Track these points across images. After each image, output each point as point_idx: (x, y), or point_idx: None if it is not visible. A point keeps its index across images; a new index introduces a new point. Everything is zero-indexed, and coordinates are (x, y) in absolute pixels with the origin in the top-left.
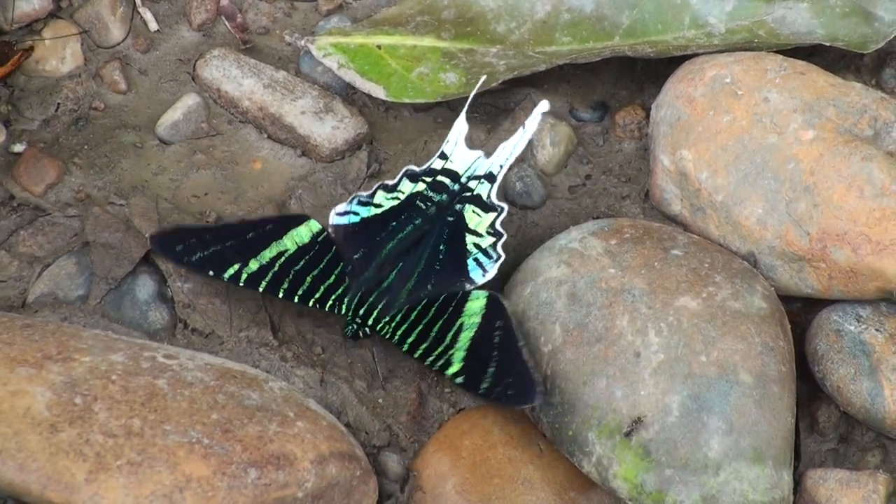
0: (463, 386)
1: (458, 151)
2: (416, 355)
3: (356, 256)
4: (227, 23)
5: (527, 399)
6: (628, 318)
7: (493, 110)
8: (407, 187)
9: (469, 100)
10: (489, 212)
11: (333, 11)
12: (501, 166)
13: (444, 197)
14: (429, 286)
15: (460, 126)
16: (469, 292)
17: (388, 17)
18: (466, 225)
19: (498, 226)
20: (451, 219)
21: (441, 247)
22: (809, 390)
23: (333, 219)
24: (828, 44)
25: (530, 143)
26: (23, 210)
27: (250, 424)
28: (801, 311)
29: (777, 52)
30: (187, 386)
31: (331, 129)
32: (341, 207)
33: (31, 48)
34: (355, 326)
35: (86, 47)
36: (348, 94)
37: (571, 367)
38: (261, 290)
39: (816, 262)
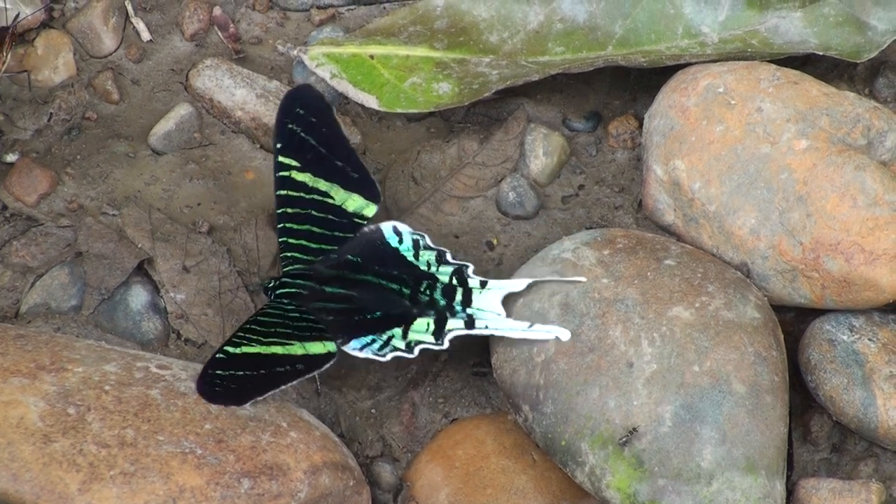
0: None
1: (491, 298)
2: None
3: (351, 258)
4: (219, 33)
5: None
6: (621, 328)
7: (486, 120)
8: (444, 274)
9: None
10: (435, 337)
11: (326, 21)
12: (487, 327)
13: (440, 300)
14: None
15: (517, 285)
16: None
17: (380, 27)
18: (412, 323)
19: (424, 345)
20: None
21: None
22: (802, 400)
23: (388, 226)
24: (821, 53)
25: (523, 153)
26: (15, 220)
27: (243, 434)
28: (794, 321)
29: (770, 61)
30: (180, 396)
31: None
32: (404, 228)
33: (16, 17)
34: (275, 282)
35: (78, 57)
36: (341, 104)
37: (564, 377)
38: (279, 193)
39: (809, 271)
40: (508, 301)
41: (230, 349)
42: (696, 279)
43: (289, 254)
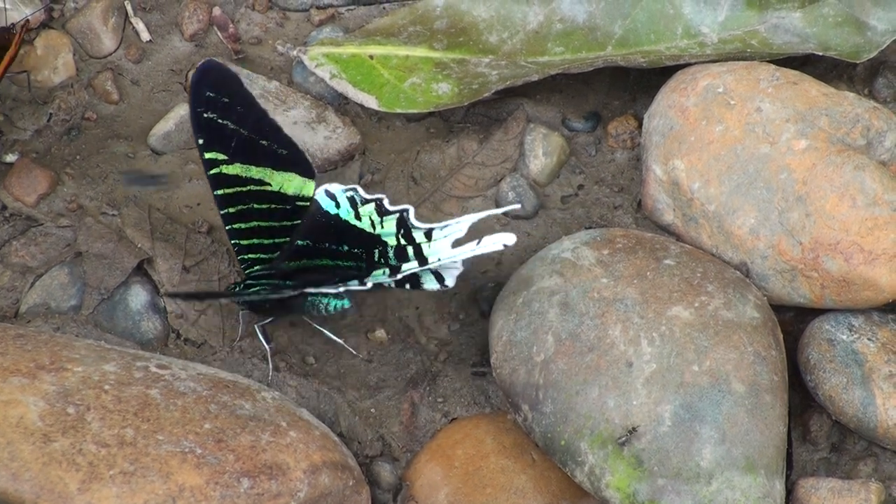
0: None
1: (442, 245)
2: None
3: (298, 242)
4: (219, 33)
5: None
6: (621, 327)
7: (486, 120)
8: (390, 226)
9: (483, 215)
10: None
11: (326, 21)
12: (440, 260)
13: (392, 257)
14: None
15: (462, 227)
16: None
17: (380, 28)
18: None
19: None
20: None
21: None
22: (802, 399)
23: (320, 192)
24: (820, 53)
25: (522, 153)
26: (15, 220)
27: (243, 434)
28: (793, 321)
29: (770, 61)
30: (180, 396)
31: (323, 139)
32: (335, 188)
33: (28, 22)
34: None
35: (78, 57)
36: (341, 105)
37: (564, 376)
38: (216, 193)
39: (809, 271)
40: (504, 303)
41: None
42: (696, 279)
43: (245, 256)
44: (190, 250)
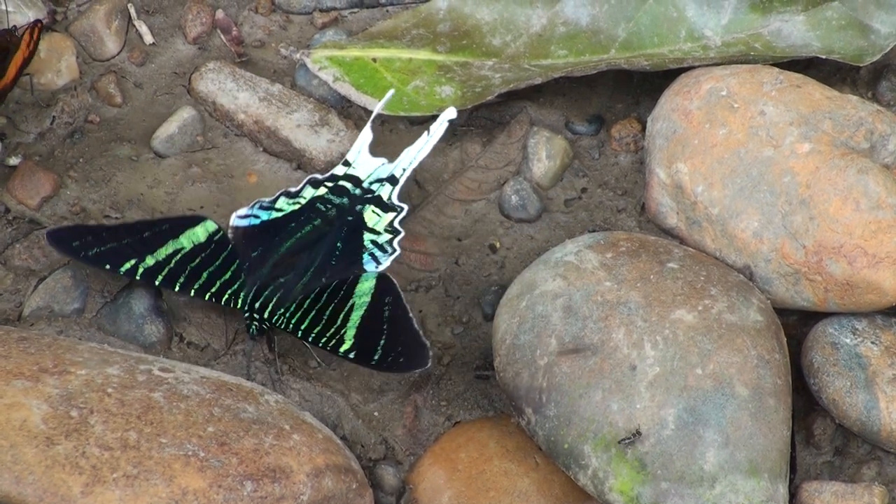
0: (356, 360)
1: (362, 158)
2: (309, 339)
3: (254, 254)
4: (222, 36)
5: (418, 362)
6: (624, 331)
7: (489, 123)
8: (309, 193)
9: (375, 112)
10: (389, 212)
11: (329, 24)
12: (405, 170)
13: (345, 200)
14: (323, 279)
15: (365, 134)
16: (359, 275)
17: (383, 31)
18: (365, 224)
19: (396, 224)
20: (349, 219)
21: (338, 244)
22: (805, 403)
23: (234, 220)
24: (824, 56)
25: (525, 156)
26: (18, 223)
27: (246, 437)
28: (796, 324)
29: (773, 64)
30: (183, 399)
31: (326, 142)
32: (242, 211)
33: (41, 22)
34: (256, 324)
35: (81, 60)
36: (344, 108)
37: (567, 380)
38: (157, 283)
39: (812, 274)
40: (508, 306)
41: None
42: (699, 282)
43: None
44: None
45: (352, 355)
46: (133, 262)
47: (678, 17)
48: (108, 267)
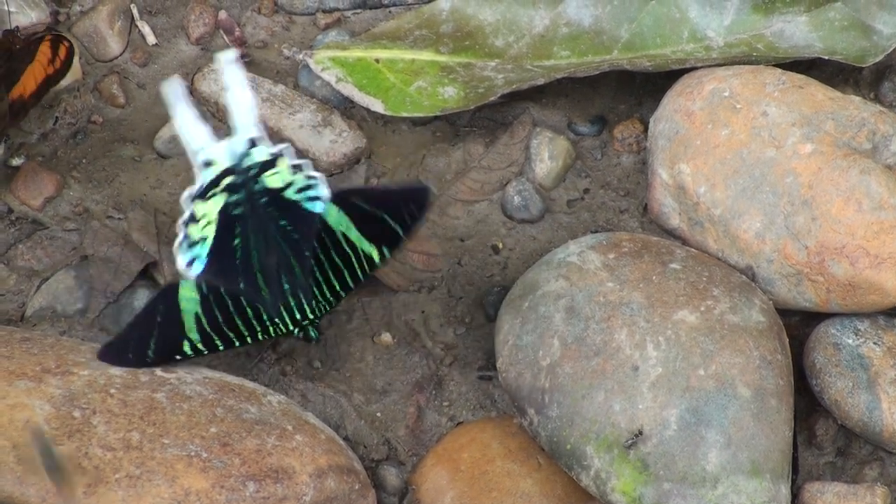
0: (396, 248)
1: (213, 151)
2: (350, 289)
3: (242, 287)
4: (225, 37)
5: (426, 195)
6: (626, 331)
7: (491, 124)
8: (208, 208)
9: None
10: (279, 163)
11: (332, 25)
12: (249, 124)
13: (242, 191)
14: (306, 252)
15: (196, 130)
16: (318, 215)
17: (386, 31)
18: (277, 189)
19: (292, 162)
20: (264, 199)
21: (281, 222)
22: (807, 404)
23: (191, 273)
24: (826, 57)
25: (528, 157)
26: (21, 224)
27: (249, 438)
28: (799, 325)
29: (775, 65)
30: (186, 399)
31: (329, 142)
32: (181, 262)
33: (66, 40)
34: (309, 327)
35: (84, 61)
36: (347, 108)
37: (570, 380)
38: (221, 349)
39: (814, 275)
40: (510, 307)
41: None
42: (702, 283)
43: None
44: None
45: (387, 252)
46: (185, 343)
47: (681, 18)
48: (178, 358)
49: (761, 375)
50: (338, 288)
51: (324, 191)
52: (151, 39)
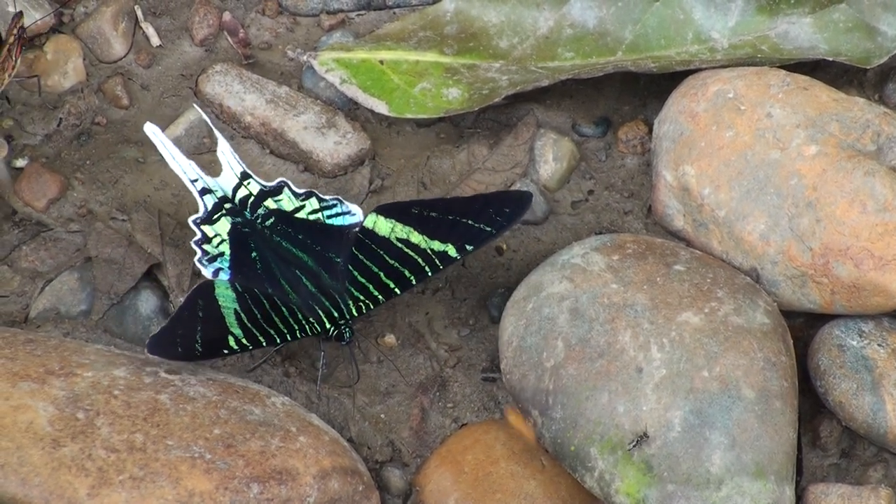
0: (473, 245)
1: (208, 182)
2: (411, 284)
3: (271, 291)
4: (229, 38)
5: (524, 200)
6: (630, 333)
7: (496, 125)
8: (218, 229)
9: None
10: (278, 195)
11: (336, 27)
12: (238, 165)
13: (242, 217)
14: (337, 259)
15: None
16: (360, 222)
17: (390, 33)
18: (287, 212)
19: (296, 190)
20: (270, 221)
21: (299, 236)
22: (811, 405)
23: (220, 279)
24: (831, 59)
25: (532, 158)
26: (25, 225)
27: (252, 439)
28: (803, 327)
29: (780, 66)
30: (189, 401)
31: (333, 144)
32: (207, 273)
33: (20, 23)
34: (345, 328)
35: (88, 62)
36: (351, 110)
37: (574, 382)
38: (264, 345)
39: (819, 277)
40: (514, 308)
41: None
42: (706, 284)
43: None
44: None
45: (469, 247)
46: (230, 339)
47: (685, 20)
48: (226, 352)
49: (765, 377)
50: (392, 286)
51: (347, 207)
52: (155, 41)
